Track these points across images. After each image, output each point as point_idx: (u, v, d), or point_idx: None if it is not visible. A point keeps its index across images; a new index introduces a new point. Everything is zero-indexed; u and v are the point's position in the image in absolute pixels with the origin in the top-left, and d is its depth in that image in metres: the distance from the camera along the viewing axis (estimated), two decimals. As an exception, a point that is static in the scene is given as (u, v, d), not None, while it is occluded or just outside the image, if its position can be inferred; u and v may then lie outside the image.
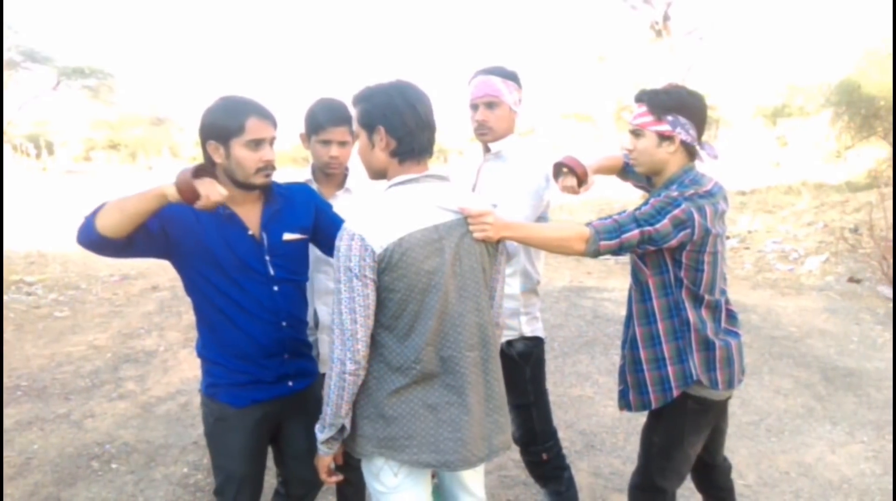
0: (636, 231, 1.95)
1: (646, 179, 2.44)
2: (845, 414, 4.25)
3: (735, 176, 14.58)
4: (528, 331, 2.48)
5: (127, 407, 4.28)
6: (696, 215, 1.95)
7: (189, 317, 6.24)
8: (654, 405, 2.17)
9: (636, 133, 2.12)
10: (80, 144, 30.98)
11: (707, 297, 2.09)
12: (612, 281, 8.09)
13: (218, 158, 1.92)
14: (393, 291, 1.67)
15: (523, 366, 2.49)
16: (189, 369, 4.98)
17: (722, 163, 2.25)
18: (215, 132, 1.89)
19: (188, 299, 2.07)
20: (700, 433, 2.22)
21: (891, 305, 6.72)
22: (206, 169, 1.87)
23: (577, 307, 6.83)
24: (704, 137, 2.16)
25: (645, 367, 2.17)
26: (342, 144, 2.39)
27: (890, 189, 9.75)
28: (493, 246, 1.86)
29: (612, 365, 5.11)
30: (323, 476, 1.90)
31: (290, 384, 2.13)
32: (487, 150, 2.49)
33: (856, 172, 14.10)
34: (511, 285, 2.42)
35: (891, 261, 7.21)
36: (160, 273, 8.19)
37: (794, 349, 5.48)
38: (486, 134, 2.45)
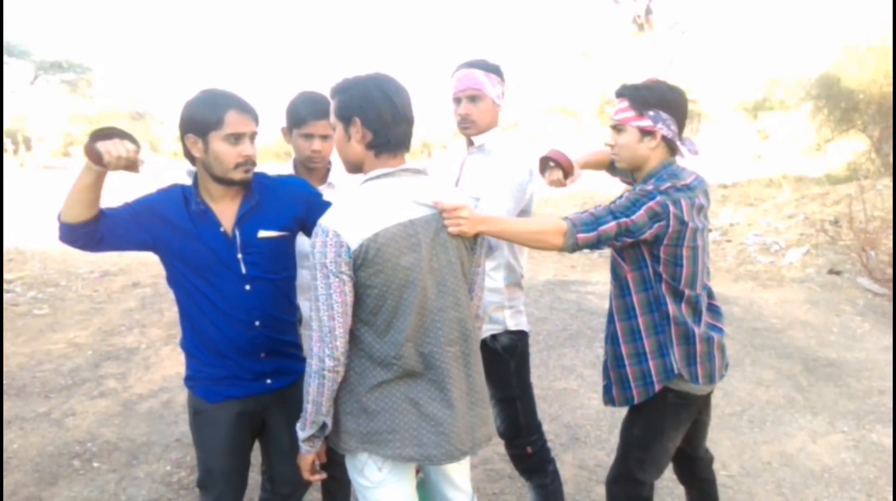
0: (613, 223, 1.95)
1: (631, 175, 2.45)
2: (826, 404, 4.30)
3: (716, 169, 14.66)
4: (513, 325, 2.48)
5: (108, 405, 4.24)
6: (671, 207, 1.96)
7: (171, 314, 6.19)
8: (636, 400, 2.17)
9: (617, 128, 2.13)
10: (59, 139, 30.60)
11: (687, 292, 2.09)
12: (596, 275, 8.12)
13: (196, 152, 1.88)
14: (370, 287, 1.66)
15: (508, 360, 2.49)
16: (171, 366, 4.94)
17: (703, 156, 2.24)
18: (194, 125, 1.86)
19: (170, 296, 2.07)
20: (680, 426, 2.23)
21: (870, 296, 6.80)
22: (116, 131, 1.80)
23: (561, 301, 6.85)
24: (686, 131, 2.17)
25: (626, 362, 2.17)
26: (324, 137, 2.36)
27: (868, 182, 9.88)
28: (471, 240, 1.85)
29: (596, 358, 5.13)
30: (305, 474, 1.89)
31: (269, 382, 2.09)
32: (471, 143, 2.48)
33: (835, 165, 14.26)
34: (495, 278, 2.41)
35: (870, 253, 7.30)
36: (141, 270, 8.11)
37: (775, 341, 5.53)
38: (469, 128, 2.43)
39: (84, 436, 3.81)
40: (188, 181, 2.02)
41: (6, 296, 6.82)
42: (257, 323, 2.02)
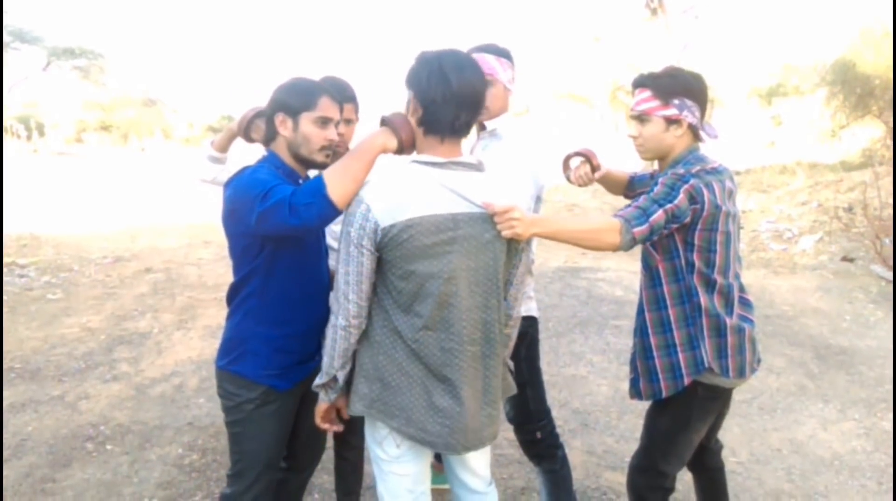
0: (660, 211, 1.90)
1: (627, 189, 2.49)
2: (837, 392, 4.28)
3: (730, 156, 14.55)
4: (523, 311, 2.47)
5: (121, 389, 4.28)
6: (704, 191, 1.94)
7: (182, 299, 6.23)
8: (664, 394, 2.12)
9: (641, 119, 2.09)
10: (72, 125, 30.73)
11: (720, 280, 2.05)
12: (607, 261, 8.10)
13: (285, 131, 1.95)
14: (394, 266, 1.67)
15: (518, 345, 2.48)
16: (183, 350, 4.98)
17: (717, 142, 2.22)
18: (286, 106, 1.94)
19: (182, 281, 2.09)
20: (707, 419, 2.20)
21: (883, 283, 6.75)
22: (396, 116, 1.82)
23: (571, 288, 6.84)
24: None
25: (655, 354, 2.13)
26: (349, 122, 2.42)
27: (884, 168, 9.77)
28: (516, 244, 1.81)
29: (605, 345, 5.12)
30: (318, 420, 1.91)
31: (316, 359, 2.14)
32: (482, 128, 2.46)
33: (850, 151, 14.12)
34: None
35: (884, 240, 7.23)
36: (153, 255, 8.17)
37: (787, 328, 5.50)
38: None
39: (97, 419, 3.85)
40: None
41: (20, 281, 6.88)
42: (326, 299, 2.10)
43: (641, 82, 2.09)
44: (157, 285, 6.86)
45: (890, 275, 6.86)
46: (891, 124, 12.64)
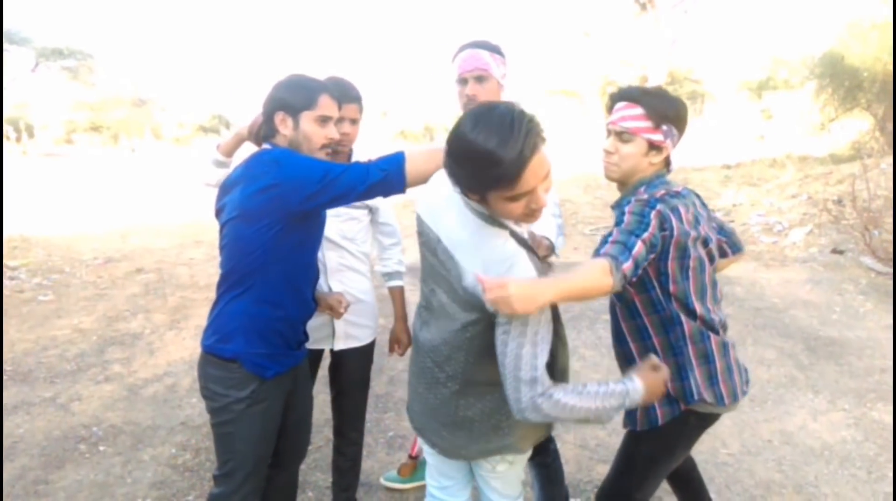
0: (639, 243, 1.74)
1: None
2: (827, 383, 4.31)
3: (720, 150, 14.62)
4: None
5: (113, 390, 4.27)
6: (671, 216, 1.82)
7: (174, 299, 6.22)
8: (660, 421, 1.98)
9: (623, 136, 1.92)
10: (61, 126, 30.51)
11: (699, 308, 1.92)
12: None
13: (285, 129, 1.97)
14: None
15: None
16: (175, 350, 4.97)
17: (707, 137, 2.18)
18: (286, 104, 1.95)
19: (173, 281, 2.08)
20: (690, 446, 2.11)
21: (873, 275, 6.79)
22: None
23: (563, 283, 6.85)
24: (689, 113, 2.04)
25: None
26: (353, 121, 2.44)
27: (872, 160, 9.83)
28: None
29: (597, 339, 5.14)
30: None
31: (303, 349, 2.18)
32: None
33: (839, 144, 14.19)
34: None
35: (874, 232, 7.27)
36: (145, 256, 8.14)
37: (777, 320, 5.54)
38: None
39: (90, 421, 3.84)
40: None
41: (11, 283, 6.85)
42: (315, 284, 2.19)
43: (632, 96, 1.91)
44: (148, 285, 6.84)
45: (879, 267, 6.90)
46: (879, 116, 12.73)
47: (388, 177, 1.81)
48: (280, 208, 1.81)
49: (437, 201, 1.73)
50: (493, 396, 1.74)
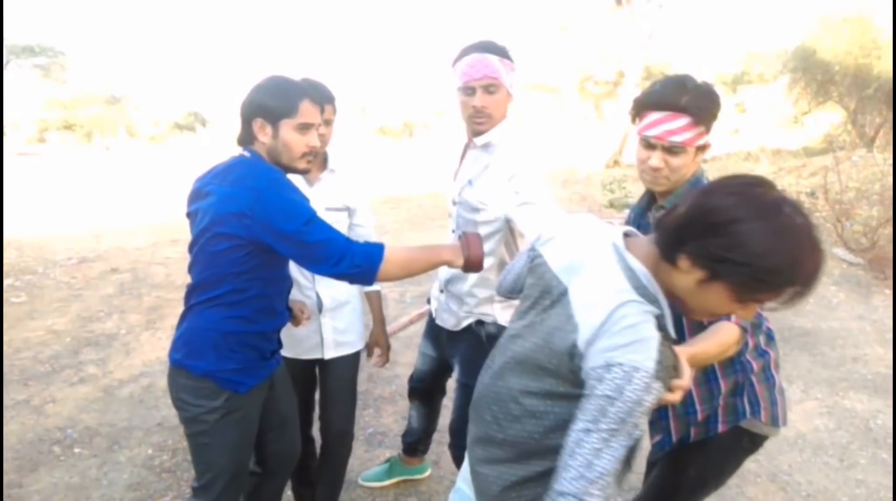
0: None
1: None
2: (801, 373, 4.38)
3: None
4: (502, 319, 2.33)
5: (88, 391, 4.22)
6: None
7: (150, 299, 6.15)
8: (720, 428, 1.85)
9: (672, 150, 1.73)
10: (33, 125, 30.05)
11: (765, 320, 1.83)
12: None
13: (263, 137, 1.87)
14: None
15: (488, 349, 2.42)
16: (151, 351, 4.92)
17: None
18: (265, 111, 1.85)
19: (149, 281, 2.05)
20: (735, 471, 1.97)
21: (845, 266, 6.90)
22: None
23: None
24: None
25: (699, 407, 1.87)
26: (328, 123, 2.35)
27: (843, 153, 9.98)
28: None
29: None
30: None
31: (277, 357, 2.14)
32: (476, 134, 2.24)
33: (812, 137, 14.39)
34: (489, 275, 2.30)
35: (846, 223, 7.40)
36: (119, 255, 8.04)
37: (752, 312, 5.60)
38: (483, 122, 2.17)
39: (64, 422, 3.79)
40: None
41: (-18, 285, 6.74)
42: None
43: (674, 104, 1.70)
44: (123, 285, 6.76)
45: (851, 258, 7.01)
46: (850, 109, 12.92)
47: (358, 274, 1.77)
48: (248, 236, 1.76)
49: (581, 254, 1.39)
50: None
